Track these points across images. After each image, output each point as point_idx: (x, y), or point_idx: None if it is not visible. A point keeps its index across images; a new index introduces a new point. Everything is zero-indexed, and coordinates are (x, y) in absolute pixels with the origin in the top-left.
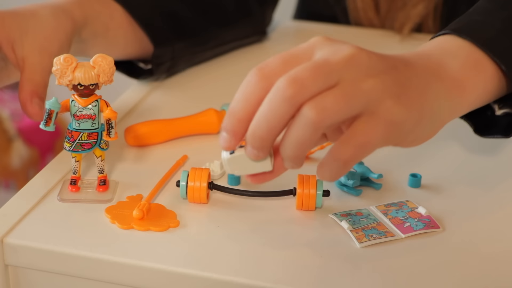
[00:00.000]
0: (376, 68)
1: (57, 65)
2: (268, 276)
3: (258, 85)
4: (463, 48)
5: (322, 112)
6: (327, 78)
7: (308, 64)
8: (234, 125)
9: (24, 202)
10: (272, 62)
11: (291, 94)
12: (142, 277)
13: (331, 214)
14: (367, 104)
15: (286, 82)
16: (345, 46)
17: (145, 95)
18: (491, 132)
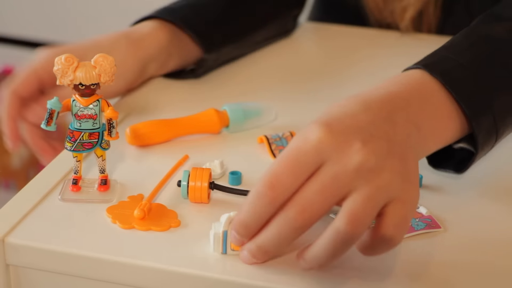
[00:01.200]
0: (383, 157)
1: (58, 65)
2: (268, 276)
3: (271, 206)
4: (437, 93)
5: (357, 221)
6: (337, 195)
7: (317, 186)
8: (246, 234)
9: (25, 201)
10: (282, 177)
11: (301, 224)
12: (144, 277)
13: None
14: (390, 196)
15: (296, 212)
16: (352, 152)
17: (146, 95)
18: (444, 165)
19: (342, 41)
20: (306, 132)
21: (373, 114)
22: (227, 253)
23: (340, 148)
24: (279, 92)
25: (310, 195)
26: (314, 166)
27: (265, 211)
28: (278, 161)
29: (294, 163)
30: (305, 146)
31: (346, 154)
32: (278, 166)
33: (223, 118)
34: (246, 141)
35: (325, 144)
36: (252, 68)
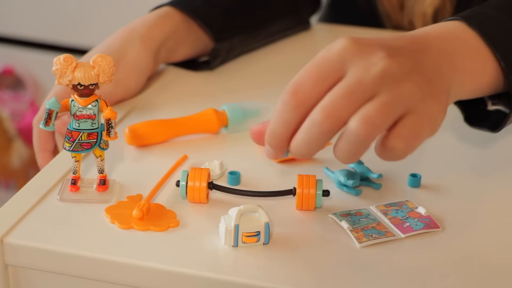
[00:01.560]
0: (407, 71)
1: (57, 65)
2: (268, 276)
3: (296, 112)
4: (473, 39)
5: (370, 124)
6: (362, 99)
7: (342, 90)
8: (278, 144)
9: (24, 202)
10: (306, 84)
11: (327, 128)
12: (142, 277)
13: (331, 214)
14: (408, 107)
15: (322, 116)
16: (376, 58)
17: (145, 94)
18: (480, 124)
19: None
20: (332, 44)
21: (405, 42)
22: (238, 245)
23: (364, 55)
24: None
25: (335, 99)
26: (337, 73)
27: (291, 117)
28: (303, 69)
29: (318, 69)
30: (329, 54)
31: (370, 61)
32: (301, 73)
33: (222, 118)
34: (245, 141)
35: (350, 52)
36: (252, 68)
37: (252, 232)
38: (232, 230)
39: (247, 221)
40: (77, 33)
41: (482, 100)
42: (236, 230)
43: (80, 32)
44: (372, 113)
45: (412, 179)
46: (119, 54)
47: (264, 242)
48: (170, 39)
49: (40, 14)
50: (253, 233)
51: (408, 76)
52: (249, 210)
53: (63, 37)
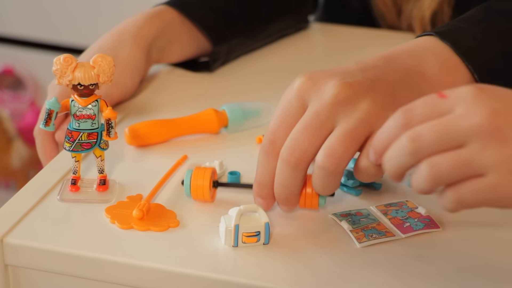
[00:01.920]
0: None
1: (57, 65)
2: (268, 276)
3: (275, 162)
4: (443, 51)
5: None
6: (322, 131)
7: (301, 125)
8: (267, 192)
9: (24, 202)
10: (278, 131)
11: (295, 164)
12: (142, 277)
13: (331, 214)
14: (371, 126)
15: (287, 153)
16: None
17: (145, 95)
18: None
19: (346, 41)
20: (291, 84)
21: (366, 64)
22: (238, 246)
23: (318, 87)
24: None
25: (296, 135)
26: (300, 111)
27: (274, 165)
28: (273, 118)
29: (284, 114)
30: (289, 96)
31: (323, 90)
32: (273, 121)
33: (222, 118)
34: (245, 141)
35: (305, 88)
36: (252, 67)
37: (252, 232)
38: (232, 230)
39: (247, 221)
40: (77, 33)
41: None
42: (236, 230)
43: (80, 32)
44: (334, 145)
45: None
46: (112, 54)
47: (264, 242)
48: (161, 38)
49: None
50: (253, 233)
51: (364, 95)
52: (249, 210)
53: (63, 37)
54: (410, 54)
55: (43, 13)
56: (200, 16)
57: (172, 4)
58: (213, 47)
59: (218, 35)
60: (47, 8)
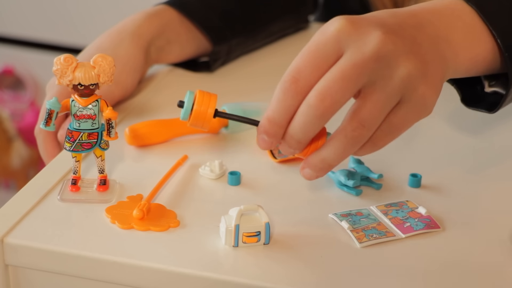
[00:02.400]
0: (403, 50)
1: (57, 65)
2: (268, 276)
3: (296, 99)
4: (469, 15)
5: (365, 126)
6: (357, 83)
7: (337, 73)
8: (276, 131)
9: (24, 202)
10: (305, 70)
11: (323, 112)
12: (142, 277)
13: (331, 214)
14: (403, 92)
15: (317, 99)
16: (370, 38)
17: (146, 95)
18: (477, 105)
19: None
20: (327, 25)
21: (401, 19)
22: (238, 246)
23: (359, 36)
24: None
25: (329, 82)
26: (334, 56)
27: (292, 104)
28: (300, 54)
29: (314, 54)
30: (325, 36)
31: (365, 41)
32: (299, 59)
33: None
34: (245, 141)
35: (345, 33)
36: (252, 67)
37: (253, 232)
38: (233, 230)
39: (248, 221)
40: (77, 33)
41: (479, 81)
42: (236, 230)
43: (80, 32)
44: (365, 113)
45: (413, 179)
46: (111, 53)
47: (265, 242)
48: (160, 38)
49: (40, 14)
50: (254, 233)
51: (403, 56)
52: (249, 210)
53: (63, 37)
54: (439, 18)
55: (43, 13)
56: (199, 16)
57: (171, 4)
58: (213, 47)
59: (218, 35)
60: (47, 8)
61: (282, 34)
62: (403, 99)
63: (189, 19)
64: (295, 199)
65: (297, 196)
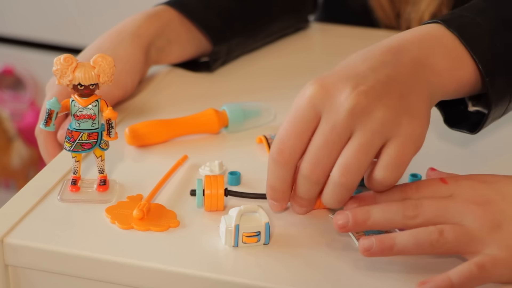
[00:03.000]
0: (376, 98)
1: (57, 65)
2: (268, 276)
3: (286, 168)
4: (449, 40)
5: (350, 172)
6: (340, 143)
7: (320, 141)
8: (280, 196)
9: (24, 202)
10: (288, 141)
11: (316, 179)
12: (142, 277)
13: (330, 214)
14: (386, 136)
15: (308, 170)
16: (343, 98)
17: (146, 95)
18: (460, 126)
19: (346, 41)
20: (302, 90)
21: (374, 60)
22: (238, 246)
23: (332, 98)
24: (279, 92)
25: (316, 150)
26: (312, 122)
27: (284, 173)
28: (283, 124)
29: (295, 124)
30: (301, 104)
31: (337, 103)
32: (282, 131)
33: (222, 118)
34: (245, 141)
35: (317, 98)
36: (252, 67)
37: (253, 232)
38: (233, 230)
39: (248, 221)
40: (77, 33)
41: (462, 101)
42: (236, 230)
43: (80, 32)
44: (349, 161)
45: (413, 179)
46: (111, 53)
47: (265, 242)
48: (160, 38)
49: (40, 14)
50: (254, 233)
51: (378, 102)
52: (249, 210)
53: (63, 37)
54: (418, 46)
55: (43, 13)
56: (199, 16)
57: (171, 4)
58: (213, 47)
59: (218, 35)
60: (47, 8)
61: (282, 34)
62: (390, 137)
63: (189, 19)
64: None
65: None
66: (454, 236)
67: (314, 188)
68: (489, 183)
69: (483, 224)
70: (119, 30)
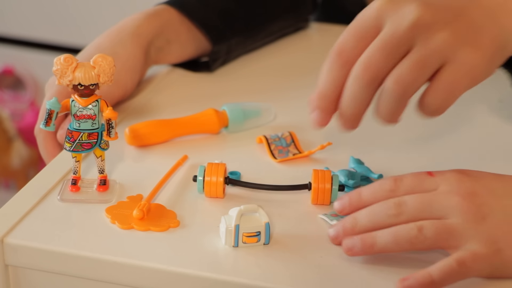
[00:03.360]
0: (443, 20)
1: (57, 65)
2: (268, 276)
3: (342, 70)
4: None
5: (403, 83)
6: (398, 51)
7: (378, 43)
8: (326, 105)
9: (24, 202)
10: (348, 43)
11: (368, 80)
12: (142, 277)
13: (321, 215)
14: (444, 58)
15: (361, 69)
16: (409, 9)
17: (146, 95)
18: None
19: None
20: (370, 4)
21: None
22: (238, 246)
23: (397, 11)
24: (279, 92)
25: (372, 52)
26: (374, 30)
27: (338, 75)
28: (345, 31)
29: (357, 29)
30: (367, 13)
31: (402, 15)
32: (344, 34)
33: (222, 118)
34: (245, 141)
35: (383, 10)
36: (252, 67)
37: (253, 232)
38: (233, 230)
39: (248, 221)
40: (77, 33)
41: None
42: (236, 230)
43: (80, 32)
44: (404, 72)
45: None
46: (110, 53)
47: (265, 242)
48: (160, 37)
49: (40, 14)
50: (254, 233)
51: (444, 25)
52: (249, 210)
53: (63, 37)
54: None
55: (43, 13)
56: (199, 16)
57: (171, 4)
58: (212, 47)
59: (217, 34)
60: (47, 8)
61: (281, 34)
62: (447, 62)
63: (188, 18)
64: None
65: (297, 196)
66: (433, 232)
67: (364, 91)
68: (476, 177)
69: (467, 218)
70: (119, 29)
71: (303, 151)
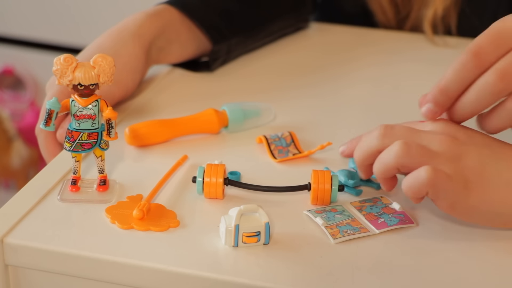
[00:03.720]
0: None
1: (57, 65)
2: (268, 276)
3: (474, 72)
4: None
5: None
6: None
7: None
8: (444, 101)
9: (24, 202)
10: (487, 47)
11: (500, 89)
12: (142, 277)
13: (305, 211)
14: None
15: (496, 77)
16: None
17: (146, 95)
18: None
19: (346, 41)
20: (509, 15)
21: None
22: (238, 246)
23: None
24: (279, 92)
25: (510, 64)
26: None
27: (469, 76)
28: (481, 35)
29: (496, 35)
30: (507, 23)
31: None
32: (481, 38)
33: (222, 118)
34: (245, 141)
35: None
36: (252, 67)
37: (253, 232)
38: (233, 230)
39: (248, 221)
40: (77, 33)
41: None
42: (236, 230)
43: (80, 32)
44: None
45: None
46: (111, 53)
47: (265, 242)
48: (160, 37)
49: (40, 14)
50: (254, 233)
51: None
52: (249, 210)
53: (63, 37)
54: None
55: (43, 13)
56: (200, 15)
57: (172, 3)
58: (212, 46)
59: (217, 34)
60: (47, 8)
61: (281, 34)
62: None
63: (189, 18)
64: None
65: (297, 196)
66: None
67: (488, 99)
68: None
69: (447, 150)
70: (120, 29)
71: (303, 151)
